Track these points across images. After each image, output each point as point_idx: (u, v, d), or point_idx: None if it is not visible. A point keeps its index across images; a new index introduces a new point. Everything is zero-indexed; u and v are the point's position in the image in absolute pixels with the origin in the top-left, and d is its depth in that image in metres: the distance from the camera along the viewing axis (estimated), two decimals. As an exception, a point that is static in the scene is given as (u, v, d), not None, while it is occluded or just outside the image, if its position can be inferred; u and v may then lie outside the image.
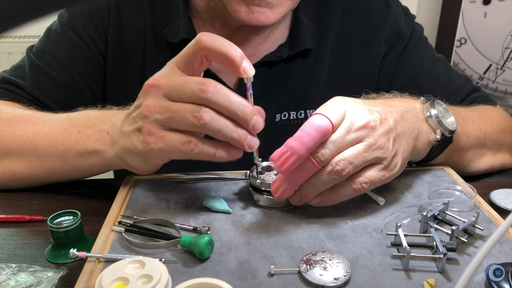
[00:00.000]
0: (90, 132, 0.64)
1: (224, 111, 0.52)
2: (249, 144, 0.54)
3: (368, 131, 0.54)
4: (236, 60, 0.52)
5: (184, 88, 0.52)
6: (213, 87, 0.51)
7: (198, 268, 0.50)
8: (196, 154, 0.53)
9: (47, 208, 0.65)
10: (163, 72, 0.55)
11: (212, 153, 0.54)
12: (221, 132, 0.52)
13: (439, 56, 0.90)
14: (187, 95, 0.52)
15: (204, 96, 0.51)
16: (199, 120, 0.51)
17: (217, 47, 0.52)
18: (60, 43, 0.81)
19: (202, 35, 0.52)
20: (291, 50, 0.80)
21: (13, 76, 0.80)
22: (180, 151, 0.53)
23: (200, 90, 0.51)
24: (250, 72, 0.53)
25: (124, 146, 0.58)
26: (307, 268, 0.48)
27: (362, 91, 0.72)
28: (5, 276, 0.50)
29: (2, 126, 0.70)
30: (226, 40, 0.53)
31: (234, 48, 0.52)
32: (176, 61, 0.55)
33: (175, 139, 0.53)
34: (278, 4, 0.69)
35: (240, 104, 0.52)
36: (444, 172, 0.71)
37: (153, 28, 0.80)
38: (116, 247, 0.53)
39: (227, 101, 0.51)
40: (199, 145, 0.53)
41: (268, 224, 0.58)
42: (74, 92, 0.81)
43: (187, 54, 0.53)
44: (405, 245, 0.50)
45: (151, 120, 0.53)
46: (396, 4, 0.87)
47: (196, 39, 0.52)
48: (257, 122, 0.53)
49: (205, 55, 0.53)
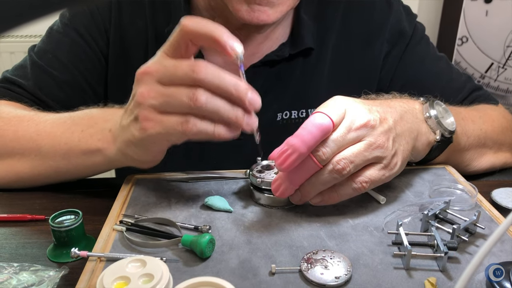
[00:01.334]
0: (93, 131, 0.64)
1: (218, 90, 0.51)
2: (247, 123, 0.53)
3: (368, 130, 0.54)
4: (221, 39, 0.51)
5: (176, 71, 0.51)
6: (204, 67, 0.51)
7: (199, 267, 0.50)
8: (195, 133, 0.52)
9: (48, 207, 0.65)
10: (153, 59, 0.55)
11: (211, 131, 0.53)
12: (217, 113, 0.52)
13: (441, 55, 0.90)
14: (179, 78, 0.51)
15: (197, 77, 0.50)
16: (194, 102, 0.51)
17: (200, 29, 0.51)
18: (62, 43, 0.81)
19: (185, 19, 0.51)
20: (292, 49, 0.80)
21: (15, 75, 0.80)
22: (179, 131, 0.52)
23: (192, 71, 0.50)
24: (238, 49, 0.51)
25: (125, 139, 0.58)
26: (308, 267, 0.48)
27: (363, 90, 0.72)
28: (7, 275, 0.51)
29: (4, 126, 0.70)
30: (209, 21, 0.52)
31: (218, 28, 0.51)
32: (164, 48, 0.54)
33: (172, 120, 0.52)
34: (279, 3, 0.69)
35: (233, 81, 0.51)
36: (445, 171, 0.71)
37: (155, 28, 0.80)
38: (117, 246, 0.53)
39: (219, 79, 0.51)
40: (198, 124, 0.52)
41: (269, 223, 0.58)
42: (75, 92, 0.81)
43: (173, 40, 0.53)
44: (406, 244, 0.50)
45: (146, 106, 0.53)
46: (398, 3, 0.87)
47: (180, 24, 0.52)
48: (253, 97, 0.52)
49: (190, 39, 0.52)
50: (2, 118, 0.71)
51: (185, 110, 0.52)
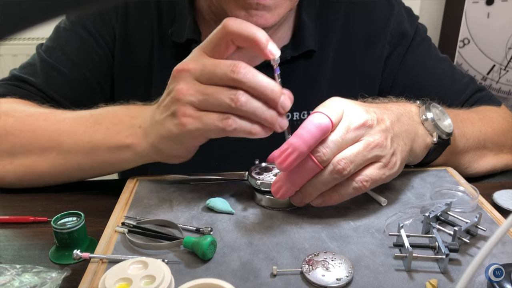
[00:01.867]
0: (119, 128, 0.64)
1: (254, 91, 0.53)
2: (280, 125, 0.55)
3: (366, 129, 0.55)
4: (262, 42, 0.53)
5: (215, 70, 0.53)
6: (244, 68, 0.53)
7: (201, 269, 0.50)
8: (233, 129, 0.54)
9: (51, 209, 0.65)
10: (191, 57, 0.56)
11: (248, 129, 0.55)
12: (254, 114, 0.54)
13: (443, 56, 0.90)
14: (218, 77, 0.53)
15: (236, 77, 0.52)
16: (235, 102, 0.52)
17: (243, 31, 0.53)
18: (70, 40, 0.81)
19: (228, 20, 0.54)
20: (294, 51, 0.80)
21: (24, 73, 0.81)
22: (218, 128, 0.54)
23: (232, 71, 0.52)
24: (276, 53, 0.55)
25: (158, 134, 0.59)
26: (309, 268, 0.49)
27: (365, 92, 0.73)
28: (9, 276, 0.51)
29: (19, 125, 0.70)
30: (251, 24, 0.54)
31: (260, 31, 0.54)
32: (202, 46, 0.56)
33: (212, 117, 0.54)
34: (276, 6, 0.70)
35: (269, 83, 0.53)
36: (447, 173, 0.71)
37: (160, 28, 0.81)
38: (119, 248, 0.53)
39: (257, 81, 0.53)
40: (237, 121, 0.54)
41: (270, 224, 0.58)
42: (84, 88, 0.82)
43: (214, 39, 0.55)
44: (408, 245, 0.50)
45: (184, 102, 0.55)
46: (399, 5, 0.87)
47: (223, 24, 0.54)
48: (285, 100, 0.54)
49: (231, 39, 0.54)
50: (16, 118, 0.71)
51: (225, 109, 0.54)
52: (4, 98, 0.77)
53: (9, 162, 0.70)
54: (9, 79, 0.81)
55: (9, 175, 0.70)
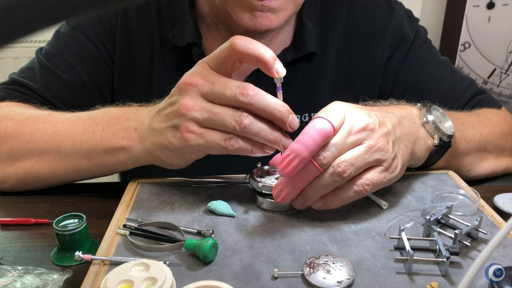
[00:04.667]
0: (115, 130, 0.64)
1: (262, 112, 0.54)
2: (283, 145, 0.56)
3: (368, 133, 0.55)
4: (269, 62, 0.54)
5: (225, 91, 0.54)
6: (252, 90, 0.53)
7: (202, 271, 0.50)
8: (235, 149, 0.55)
9: (52, 211, 0.66)
10: (197, 71, 0.57)
11: (249, 149, 0.56)
12: (258, 135, 0.54)
13: (443, 59, 0.90)
14: (227, 98, 0.54)
15: (245, 100, 0.53)
16: (239, 125, 0.53)
17: (251, 51, 0.54)
18: (70, 45, 0.82)
19: (236, 38, 0.54)
20: (295, 53, 0.81)
21: (23, 77, 0.81)
22: (220, 146, 0.55)
23: (241, 93, 0.53)
24: (282, 72, 0.56)
25: (157, 142, 0.59)
26: (310, 271, 0.49)
27: (366, 94, 0.73)
28: (11, 278, 0.51)
29: (19, 127, 0.70)
30: (258, 43, 0.55)
31: (267, 51, 0.54)
32: (208, 61, 0.56)
33: (215, 136, 0.55)
34: (281, 8, 0.70)
35: (276, 104, 0.54)
36: (448, 176, 0.71)
37: (160, 32, 0.81)
38: (121, 250, 0.54)
39: (265, 102, 0.54)
40: (239, 141, 0.55)
41: (271, 227, 0.58)
42: (83, 93, 0.82)
43: (221, 56, 0.55)
44: (408, 248, 0.50)
45: (188, 118, 0.55)
46: (400, 8, 0.87)
47: (231, 43, 0.54)
48: (293, 120, 0.55)
49: (238, 58, 0.55)
50: (16, 120, 0.71)
51: (229, 130, 0.54)
52: (3, 102, 0.77)
53: (9, 165, 0.70)
54: (9, 83, 0.82)
55: (10, 178, 0.70)
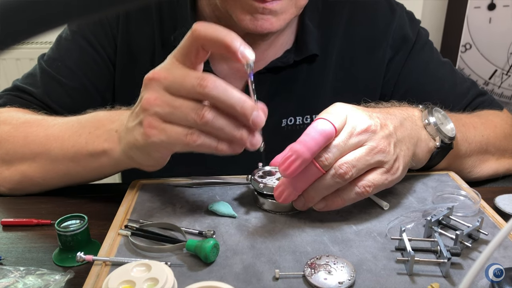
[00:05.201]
0: (99, 133, 0.64)
1: (223, 106, 0.51)
2: (251, 143, 0.53)
3: (370, 135, 0.55)
4: (233, 45, 0.50)
5: (184, 82, 0.51)
6: (212, 82, 0.50)
7: (203, 272, 0.50)
8: (198, 145, 0.52)
9: (54, 212, 0.66)
10: (163, 65, 0.54)
11: (214, 145, 0.53)
12: (222, 131, 0.52)
13: (445, 60, 0.90)
14: (186, 89, 0.51)
15: (203, 91, 0.50)
16: (201, 119, 0.51)
17: (211, 34, 0.50)
18: (71, 50, 0.82)
19: (197, 24, 0.51)
20: (297, 55, 0.81)
21: (25, 84, 0.82)
22: (183, 142, 0.52)
23: (199, 84, 0.50)
24: (249, 56, 0.50)
25: (129, 142, 0.58)
26: (311, 272, 0.49)
27: (367, 96, 0.73)
28: (13, 279, 0.51)
29: (14, 132, 0.71)
30: (221, 27, 0.51)
31: (230, 34, 0.50)
32: (174, 53, 0.54)
33: (177, 131, 0.52)
34: (282, 11, 0.70)
35: (239, 99, 0.51)
36: (449, 177, 0.71)
37: (161, 34, 0.81)
38: (122, 250, 0.54)
39: (226, 95, 0.50)
40: (202, 137, 0.52)
41: (273, 228, 0.58)
42: (84, 98, 0.82)
43: (184, 45, 0.52)
44: (409, 249, 0.50)
45: (151, 112, 0.53)
46: (401, 9, 0.87)
47: (191, 29, 0.51)
48: (257, 117, 0.51)
49: (201, 45, 0.51)
50: (12, 125, 0.72)
51: (190, 124, 0.52)
52: (3, 108, 0.78)
53: (6, 169, 0.71)
54: (11, 89, 0.83)
55: (7, 182, 0.71)
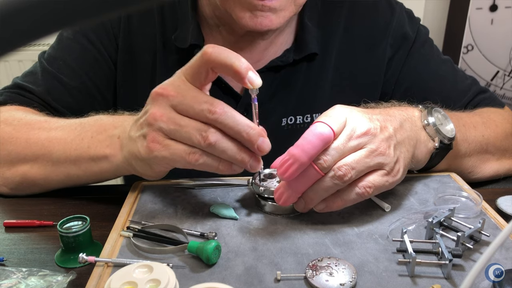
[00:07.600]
0: (102, 137, 0.65)
1: (230, 132, 0.53)
2: (251, 166, 0.55)
3: (369, 137, 0.55)
4: (241, 71, 0.52)
5: (193, 105, 0.53)
6: (220, 109, 0.52)
7: (205, 273, 0.50)
8: (200, 164, 0.54)
9: (56, 214, 0.66)
10: (172, 81, 0.56)
11: (215, 166, 0.55)
12: (225, 153, 0.54)
13: (445, 58, 0.90)
14: (195, 112, 0.53)
15: (212, 117, 0.52)
16: (204, 140, 0.52)
17: (222, 60, 0.52)
18: (72, 49, 0.82)
19: (208, 47, 0.52)
20: (296, 54, 0.81)
21: (25, 81, 0.82)
22: (185, 160, 0.54)
23: (208, 110, 0.52)
24: (256, 83, 0.53)
25: (131, 151, 0.59)
26: (313, 273, 0.49)
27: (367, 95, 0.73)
28: (15, 280, 0.51)
29: (16, 133, 0.71)
30: (231, 52, 0.53)
31: (239, 60, 0.52)
32: (183, 71, 0.55)
33: (180, 148, 0.54)
34: (282, 9, 0.70)
35: (245, 126, 0.53)
36: (450, 178, 0.71)
37: (163, 34, 0.82)
38: (124, 252, 0.54)
39: (233, 122, 0.52)
40: (204, 157, 0.54)
41: (274, 230, 0.58)
42: (85, 97, 0.82)
43: (194, 66, 0.54)
44: (411, 251, 0.50)
45: (155, 128, 0.54)
46: (400, 8, 0.87)
47: (202, 52, 0.53)
48: (263, 143, 0.53)
49: (211, 67, 0.53)
50: (14, 126, 0.72)
51: (194, 144, 0.53)
52: (4, 106, 0.78)
53: (7, 169, 0.71)
54: (11, 87, 0.82)
55: (9, 182, 0.71)
